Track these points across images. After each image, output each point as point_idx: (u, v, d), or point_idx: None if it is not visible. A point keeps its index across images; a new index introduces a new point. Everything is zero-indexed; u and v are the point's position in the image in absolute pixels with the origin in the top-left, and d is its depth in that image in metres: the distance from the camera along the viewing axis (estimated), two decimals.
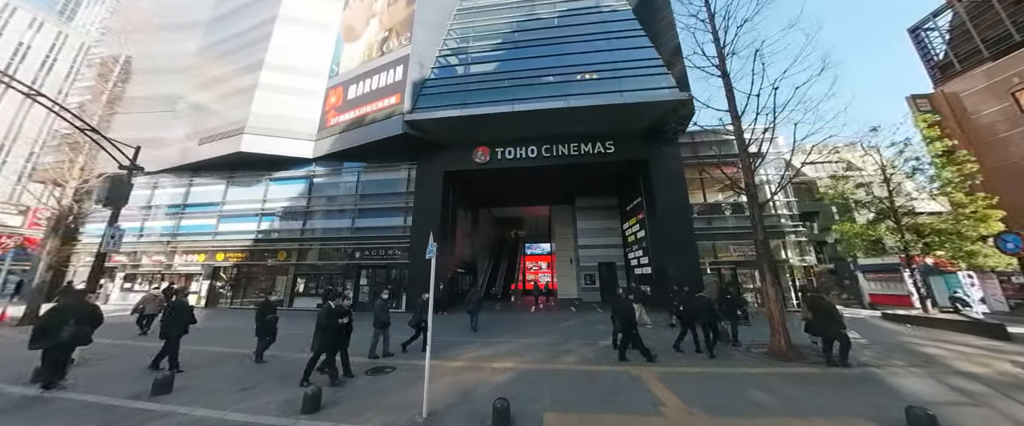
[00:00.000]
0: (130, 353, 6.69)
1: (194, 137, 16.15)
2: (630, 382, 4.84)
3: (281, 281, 14.36)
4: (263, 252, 14.88)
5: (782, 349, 6.13)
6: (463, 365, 5.86)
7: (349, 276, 14.17)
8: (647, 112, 13.08)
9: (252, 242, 14.91)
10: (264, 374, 5.38)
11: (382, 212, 15.15)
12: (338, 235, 14.83)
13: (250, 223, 15.34)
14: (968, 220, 8.45)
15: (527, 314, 13.15)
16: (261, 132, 14.93)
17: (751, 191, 7.20)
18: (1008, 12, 12.82)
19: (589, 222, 19.42)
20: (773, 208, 12.95)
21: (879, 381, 4.83)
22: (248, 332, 6.65)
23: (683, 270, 12.30)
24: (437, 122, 13.98)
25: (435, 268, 4.93)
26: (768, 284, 6.57)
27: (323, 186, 15.85)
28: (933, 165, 9.61)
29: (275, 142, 15.10)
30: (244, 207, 15.83)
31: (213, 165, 16.30)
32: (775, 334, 6.30)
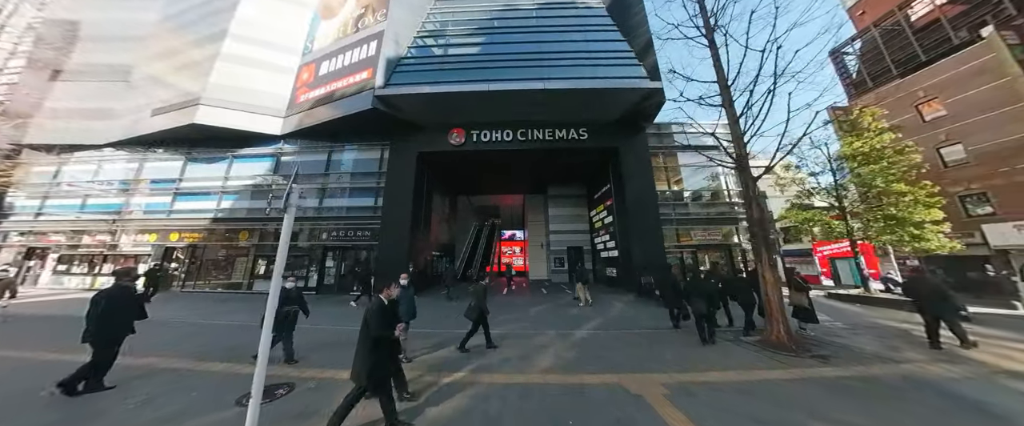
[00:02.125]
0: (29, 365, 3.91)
1: (147, 109, 12.35)
2: (631, 404, 2.84)
3: (241, 263, 11.20)
4: (224, 232, 11.58)
5: (781, 339, 4.44)
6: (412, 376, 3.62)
7: (315, 257, 11.29)
8: (620, 100, 11.23)
9: (211, 221, 11.56)
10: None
11: (352, 192, 12.32)
12: (304, 215, 11.84)
13: (209, 201, 11.97)
14: (916, 207, 7.38)
15: (499, 295, 11.04)
16: (221, 105, 11.55)
17: (743, 163, 5.44)
18: (916, 36, 12.27)
19: (560, 209, 17.59)
20: (728, 196, 11.66)
21: (936, 387, 3.18)
22: (213, 328, 5.00)
23: (649, 253, 10.71)
24: (410, 99, 11.34)
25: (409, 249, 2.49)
26: (765, 266, 4.85)
27: (291, 164, 12.67)
28: (856, 161, 8.41)
29: (237, 116, 11.76)
30: (203, 185, 12.37)
31: (170, 140, 12.59)
32: (773, 322, 4.60)
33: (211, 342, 4.95)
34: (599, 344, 4.90)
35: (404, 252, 11.06)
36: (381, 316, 2.57)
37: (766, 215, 5.27)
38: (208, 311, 7.68)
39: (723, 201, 11.77)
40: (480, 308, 4.76)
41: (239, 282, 10.74)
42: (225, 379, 3.52)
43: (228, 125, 11.64)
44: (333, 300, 9.49)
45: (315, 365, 3.98)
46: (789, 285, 5.37)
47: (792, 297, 5.22)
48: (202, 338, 5.17)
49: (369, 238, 11.50)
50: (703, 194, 12.01)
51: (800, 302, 5.05)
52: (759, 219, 5.13)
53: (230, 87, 11.83)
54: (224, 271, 11.00)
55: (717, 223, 11.33)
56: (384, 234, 11.29)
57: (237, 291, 10.54)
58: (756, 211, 5.16)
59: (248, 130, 11.98)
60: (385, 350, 2.55)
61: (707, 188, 12.15)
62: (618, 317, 7.07)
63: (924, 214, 7.55)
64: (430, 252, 14.94)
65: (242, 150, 12.56)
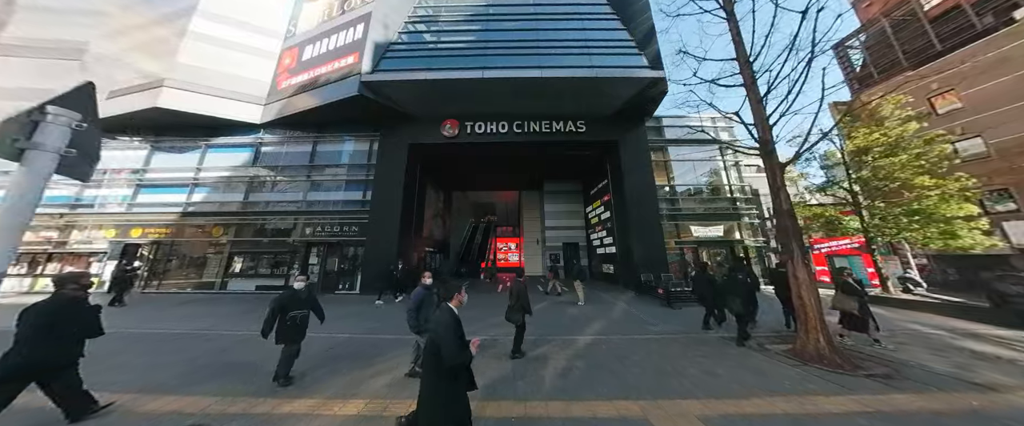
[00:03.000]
0: None
1: (102, 91, 10.73)
2: None
3: (214, 261, 10.03)
4: (195, 227, 10.36)
5: (822, 352, 3.67)
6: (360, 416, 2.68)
7: (297, 254, 10.21)
8: (620, 90, 10.39)
9: (179, 216, 10.32)
10: None
11: (339, 185, 11.23)
12: (287, 208, 10.72)
13: (178, 194, 10.67)
14: (950, 201, 6.60)
15: (495, 294, 10.18)
16: (188, 88, 10.21)
17: (769, 148, 4.64)
18: (931, 24, 11.33)
19: (555, 205, 16.78)
20: (729, 191, 10.97)
21: None
22: (194, 340, 4.04)
23: (649, 250, 9.98)
24: (400, 86, 10.28)
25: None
26: (797, 264, 4.08)
27: (272, 155, 11.49)
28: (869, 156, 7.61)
29: (208, 101, 10.47)
30: (172, 176, 11.05)
31: (133, 127, 11.19)
32: (808, 330, 3.84)
33: (196, 358, 3.95)
34: (609, 353, 4.09)
35: (393, 248, 10.09)
36: (456, 336, 1.78)
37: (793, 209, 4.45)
38: (183, 315, 6.59)
39: (724, 196, 11.09)
40: (524, 308, 4.00)
41: (211, 281, 9.56)
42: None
43: (197, 110, 10.32)
44: (322, 299, 8.51)
45: (315, 390, 3.03)
46: (836, 286, 4.60)
47: (838, 301, 4.44)
48: (185, 354, 4.11)
49: (357, 233, 10.48)
50: (703, 189, 11.30)
51: (848, 307, 4.26)
52: (788, 211, 4.35)
53: (200, 69, 10.49)
54: (195, 269, 9.80)
55: (718, 219, 10.66)
56: (373, 229, 10.29)
57: (209, 291, 9.40)
58: (785, 202, 4.38)
59: (222, 117, 10.70)
60: (465, 381, 1.81)
61: (707, 183, 11.45)
62: (622, 319, 6.29)
63: (956, 209, 6.74)
64: (423, 248, 13.98)
65: (216, 139, 11.29)
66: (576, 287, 8.31)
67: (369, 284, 9.75)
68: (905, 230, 6.97)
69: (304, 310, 3.30)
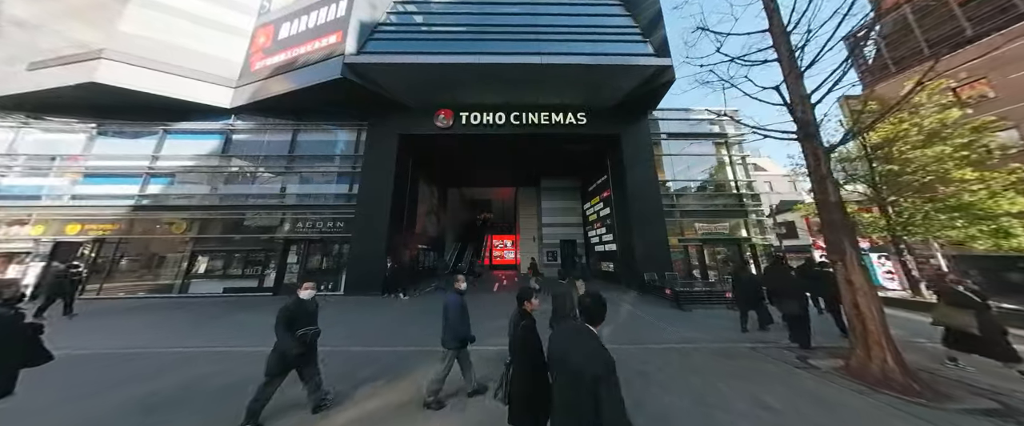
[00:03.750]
0: None
1: (19, 62, 8.84)
2: None
3: (173, 261, 8.73)
4: (151, 222, 9.03)
5: (889, 373, 2.97)
6: None
7: (273, 252, 9.10)
8: (623, 79, 9.60)
9: (131, 210, 9.01)
10: None
11: (322, 178, 10.13)
12: (263, 202, 9.56)
13: (130, 185, 9.31)
14: (1003, 195, 5.82)
15: (490, 294, 9.36)
16: (135, 62, 8.72)
17: (810, 130, 3.91)
18: (961, 8, 10.41)
19: (553, 202, 16.00)
20: (735, 187, 10.39)
21: None
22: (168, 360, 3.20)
23: (652, 248, 9.30)
24: (388, 71, 9.23)
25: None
26: (852, 267, 3.37)
27: (245, 144, 10.25)
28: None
29: (161, 79, 9.03)
30: (122, 165, 9.50)
31: (69, 107, 9.45)
32: (868, 345, 3.14)
33: (156, 392, 2.90)
34: (626, 368, 3.31)
35: (382, 244, 9.13)
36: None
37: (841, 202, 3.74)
38: (136, 326, 5.47)
39: (729, 192, 10.48)
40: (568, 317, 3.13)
41: (169, 283, 8.33)
42: None
43: (149, 89, 8.84)
44: None
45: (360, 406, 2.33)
46: (940, 296, 3.56)
47: (943, 315, 3.43)
48: (155, 383, 3.09)
49: (343, 230, 9.44)
50: (707, 185, 10.69)
51: (960, 323, 3.23)
52: (837, 202, 3.64)
53: (150, 41, 9.00)
54: (150, 270, 8.52)
55: (724, 215, 10.06)
56: (360, 224, 9.27)
57: (166, 295, 8.18)
58: (832, 192, 3.66)
59: (182, 99, 9.29)
60: None
61: (711, 179, 10.84)
62: (631, 322, 5.56)
63: (1008, 205, 5.74)
64: (416, 245, 13.00)
65: (178, 124, 9.93)
66: (577, 287, 7.56)
67: (355, 284, 8.78)
68: (944, 228, 6.22)
69: (315, 327, 2.59)
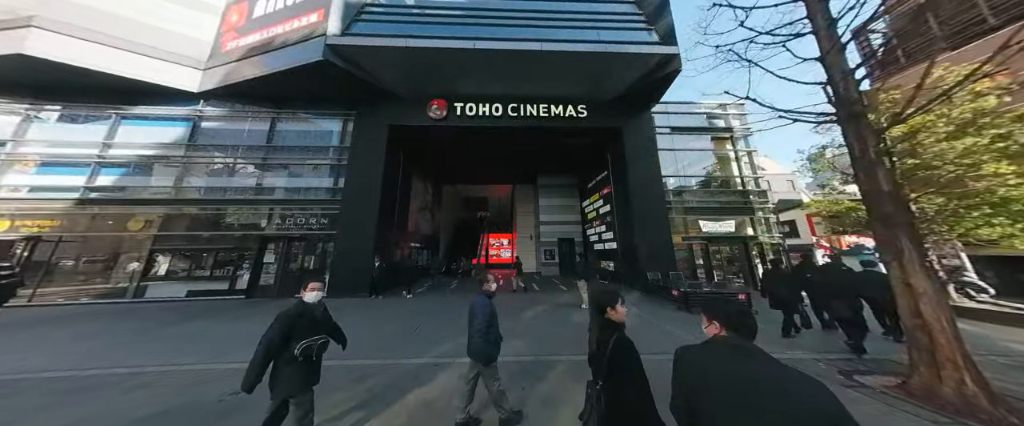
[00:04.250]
0: None
1: None
2: None
3: (128, 261, 7.63)
4: (101, 218, 7.86)
5: (969, 399, 2.45)
6: None
7: (248, 251, 8.20)
8: (628, 69, 9.05)
9: (76, 204, 7.85)
10: None
11: (305, 170, 9.24)
12: (238, 196, 8.62)
13: (75, 176, 8.13)
14: None
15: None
16: (76, 33, 7.47)
17: (857, 109, 3.38)
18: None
19: (550, 199, 15.42)
20: (742, 183, 9.98)
21: None
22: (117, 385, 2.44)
23: (655, 246, 8.81)
24: (376, 54, 8.41)
25: None
26: (914, 269, 2.84)
27: (216, 132, 9.25)
28: None
29: (113, 56, 7.86)
30: (62, 152, 8.24)
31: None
32: (937, 363, 2.62)
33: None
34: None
35: (370, 242, 8.36)
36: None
37: (909, 193, 3.22)
38: (77, 338, 4.54)
39: (734, 189, 10.06)
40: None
41: (123, 287, 7.31)
42: None
43: (91, 66, 7.59)
44: (278, 306, 6.65)
45: None
46: None
47: None
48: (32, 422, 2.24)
49: (327, 226, 8.60)
50: (711, 181, 10.26)
51: None
52: (890, 193, 3.10)
53: (96, 11, 7.79)
54: (99, 273, 7.47)
55: (729, 213, 9.64)
56: (346, 220, 8.46)
57: (117, 301, 7.14)
58: (884, 181, 3.13)
59: (138, 79, 8.13)
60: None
61: (715, 175, 10.42)
62: (641, 327, 4.99)
63: None
64: (408, 243, 12.22)
65: (135, 108, 8.82)
66: (579, 287, 6.98)
67: (341, 285, 7.98)
68: (977, 226, 5.75)
69: (321, 336, 1.95)
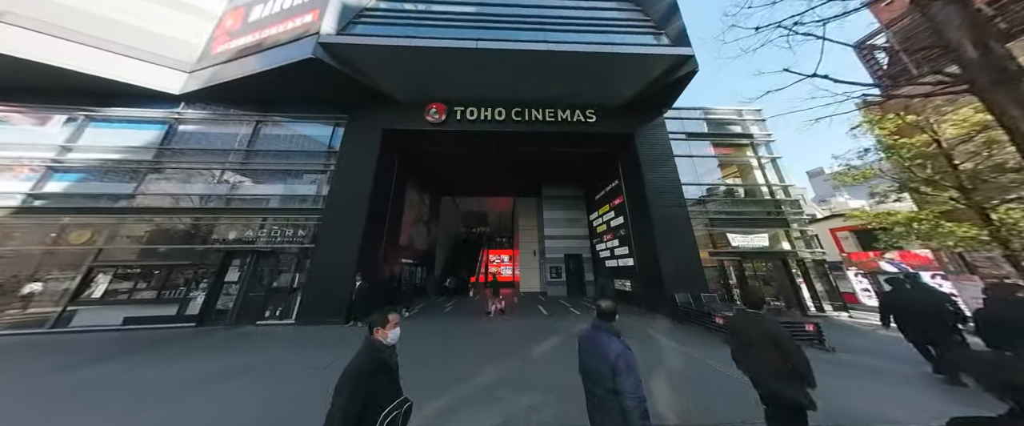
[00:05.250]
0: None
1: None
2: None
3: (56, 282, 6.30)
4: (41, 229, 6.62)
5: None
6: None
7: (208, 268, 6.92)
8: (640, 71, 8.40)
9: (11, 213, 6.64)
10: None
11: (285, 176, 8.24)
12: (205, 204, 7.51)
13: (20, 182, 7.00)
14: None
15: (481, 321, 7.27)
16: (43, 29, 6.78)
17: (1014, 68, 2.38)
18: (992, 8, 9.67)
19: (555, 212, 14.31)
20: (770, 192, 8.95)
21: None
22: None
23: (681, 263, 7.57)
24: (371, 54, 7.77)
25: None
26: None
27: (193, 136, 8.36)
28: None
29: (90, 55, 7.16)
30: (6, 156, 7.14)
31: None
32: None
33: None
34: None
35: (353, 257, 7.14)
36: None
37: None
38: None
39: (762, 198, 9.00)
40: (801, 374, 1.64)
41: (45, 314, 5.84)
42: None
43: (58, 63, 6.81)
44: (237, 334, 5.24)
45: None
46: None
47: None
48: None
49: (305, 239, 7.41)
50: (735, 190, 9.24)
51: None
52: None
53: (72, 9, 7.14)
54: (18, 296, 5.96)
55: (761, 225, 8.49)
56: (328, 231, 7.29)
57: (31, 332, 5.54)
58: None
59: (106, 77, 7.33)
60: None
61: (738, 183, 9.44)
62: (691, 375, 3.63)
63: None
64: (399, 260, 10.92)
65: (105, 110, 7.98)
66: None
67: (312, 309, 6.63)
68: None
69: (405, 399, 1.34)
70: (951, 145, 5.98)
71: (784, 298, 7.64)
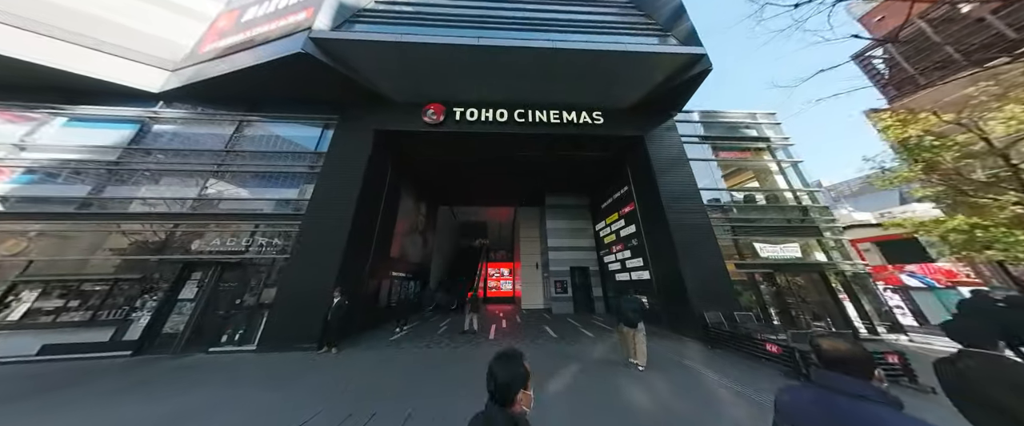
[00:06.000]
0: None
1: None
2: None
3: None
4: None
5: None
6: None
7: (159, 283, 5.86)
8: (650, 72, 7.93)
9: None
10: None
11: (263, 179, 7.39)
12: (166, 209, 6.59)
13: None
14: None
15: (480, 345, 6.15)
16: (13, 22, 6.23)
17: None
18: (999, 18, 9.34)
19: (558, 222, 13.44)
20: (795, 197, 8.19)
21: None
22: None
23: (707, 277, 6.63)
24: (365, 50, 7.24)
25: None
26: None
27: (166, 136, 7.60)
28: None
29: (64, 50, 6.59)
30: None
31: None
32: None
33: None
34: None
35: (332, 269, 6.15)
36: None
37: None
38: None
39: (786, 204, 8.23)
40: None
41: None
42: None
43: (39, 61, 6.28)
44: (184, 369, 4.10)
45: None
46: None
47: None
48: None
49: (279, 250, 6.44)
50: (755, 196, 8.48)
51: None
52: None
53: (54, 6, 6.62)
54: None
55: (789, 233, 7.62)
56: (306, 239, 6.34)
57: None
58: None
59: (79, 73, 6.69)
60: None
61: (756, 185, 8.71)
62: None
63: None
64: (389, 272, 9.84)
65: (74, 108, 7.21)
66: (626, 335, 4.66)
67: (278, 333, 5.54)
68: None
69: None
70: (1004, 144, 5.34)
71: (829, 317, 6.61)
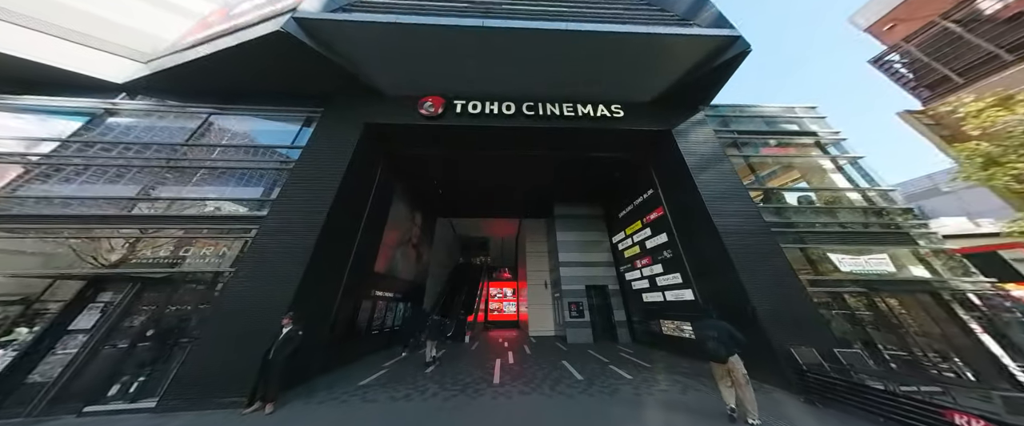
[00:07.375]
0: None
1: None
2: None
3: None
4: None
5: None
6: None
7: (48, 304, 4.29)
8: (677, 58, 6.92)
9: None
10: None
11: (223, 178, 6.10)
12: (90, 211, 5.20)
13: None
14: None
15: (480, 395, 4.33)
16: None
17: None
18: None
19: (569, 234, 11.86)
20: (865, 199, 6.67)
21: None
22: None
23: (779, 299, 4.97)
24: (357, 33, 6.33)
25: None
26: None
27: (121, 128, 6.48)
28: None
29: (21, 37, 5.80)
30: None
31: None
32: None
33: None
34: None
35: (290, 287, 4.59)
36: None
37: None
38: None
39: (855, 206, 6.67)
40: None
41: None
42: None
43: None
44: None
45: None
46: None
47: None
48: None
49: (224, 260, 4.93)
50: (813, 199, 7.00)
51: None
52: None
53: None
54: None
55: (868, 241, 5.98)
56: (260, 246, 4.86)
57: None
58: None
59: (30, 59, 5.82)
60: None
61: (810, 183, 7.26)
62: None
63: None
64: (371, 292, 8.16)
65: (21, 99, 6.20)
66: (719, 373, 3.03)
67: (197, 378, 3.85)
68: None
69: None
70: None
71: (959, 357, 4.74)
